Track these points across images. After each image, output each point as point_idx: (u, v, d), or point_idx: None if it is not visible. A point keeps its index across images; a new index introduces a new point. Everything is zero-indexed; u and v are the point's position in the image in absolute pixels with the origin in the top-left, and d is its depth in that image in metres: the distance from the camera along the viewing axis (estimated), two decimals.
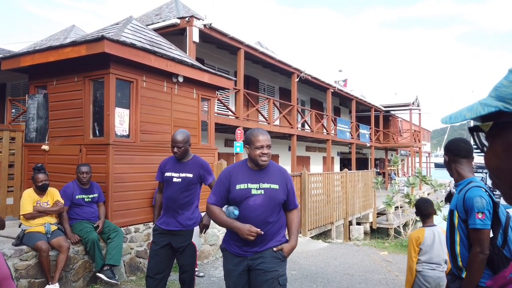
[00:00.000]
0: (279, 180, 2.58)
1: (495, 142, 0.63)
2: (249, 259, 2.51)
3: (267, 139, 2.55)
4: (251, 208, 2.47)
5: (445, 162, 2.35)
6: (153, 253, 3.48)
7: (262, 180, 2.53)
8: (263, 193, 2.49)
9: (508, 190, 0.64)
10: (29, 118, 5.67)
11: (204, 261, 6.07)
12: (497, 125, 0.61)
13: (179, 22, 9.26)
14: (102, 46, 4.55)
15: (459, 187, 2.27)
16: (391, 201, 9.22)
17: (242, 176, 2.55)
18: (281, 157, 16.11)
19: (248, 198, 2.48)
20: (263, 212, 2.47)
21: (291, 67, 13.39)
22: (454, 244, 2.23)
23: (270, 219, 2.50)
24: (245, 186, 2.51)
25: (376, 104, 22.49)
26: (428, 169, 34.70)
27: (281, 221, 2.60)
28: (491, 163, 0.65)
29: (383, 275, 5.75)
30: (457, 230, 2.20)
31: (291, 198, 2.61)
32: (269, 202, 2.49)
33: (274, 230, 2.54)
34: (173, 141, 3.46)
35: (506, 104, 0.59)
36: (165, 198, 3.52)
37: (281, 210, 2.61)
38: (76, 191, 4.59)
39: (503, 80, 0.62)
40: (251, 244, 2.47)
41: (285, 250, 2.53)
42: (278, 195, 2.54)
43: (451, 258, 2.27)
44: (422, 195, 21.98)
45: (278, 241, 2.55)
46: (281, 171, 2.66)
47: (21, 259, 3.94)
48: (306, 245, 8.16)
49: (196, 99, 6.31)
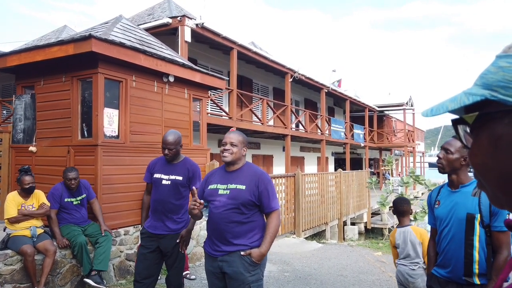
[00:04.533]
0: (248, 181, 2.53)
1: (481, 135, 0.55)
2: (219, 261, 2.51)
3: (232, 137, 2.60)
4: (215, 207, 2.53)
5: (457, 163, 2.20)
6: (142, 257, 3.38)
7: (231, 181, 2.56)
8: (227, 193, 2.52)
9: (496, 190, 0.55)
10: (16, 119, 5.55)
11: (196, 263, 5.98)
12: (483, 116, 0.54)
13: (171, 21, 9.17)
14: (90, 45, 4.45)
15: (471, 189, 2.16)
16: (385, 201, 9.19)
17: (216, 178, 2.66)
18: (275, 157, 16.05)
19: (214, 198, 2.55)
20: (225, 211, 2.49)
21: (284, 67, 13.34)
22: (471, 250, 2.09)
23: (234, 218, 2.47)
24: (214, 187, 2.60)
25: (370, 104, 22.52)
26: (422, 168, 34.86)
27: (254, 223, 2.53)
28: (476, 159, 0.57)
29: (377, 276, 5.70)
30: (476, 235, 2.08)
31: (264, 200, 2.51)
32: (231, 202, 2.49)
33: (240, 231, 2.47)
34: (164, 142, 3.36)
35: (493, 92, 0.52)
36: (153, 200, 3.43)
37: (253, 212, 2.52)
38: (64, 193, 4.48)
39: (490, 66, 0.54)
40: (218, 242, 2.51)
41: (253, 255, 2.45)
42: (242, 195, 2.48)
43: (462, 264, 2.11)
44: (416, 194, 22.05)
45: (248, 246, 2.47)
46: (255, 173, 2.58)
47: (5, 263, 3.83)
48: (300, 246, 8.10)
49: (187, 99, 6.22)
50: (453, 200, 2.22)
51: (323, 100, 16.78)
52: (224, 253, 2.49)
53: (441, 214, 2.26)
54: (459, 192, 2.21)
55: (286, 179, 9.33)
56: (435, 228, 2.36)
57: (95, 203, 4.64)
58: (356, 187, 13.60)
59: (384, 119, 27.67)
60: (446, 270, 2.22)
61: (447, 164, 2.22)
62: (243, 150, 2.64)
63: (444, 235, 2.23)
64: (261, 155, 15.23)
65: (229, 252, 2.48)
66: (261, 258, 2.46)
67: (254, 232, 2.52)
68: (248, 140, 2.79)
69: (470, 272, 2.10)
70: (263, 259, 2.51)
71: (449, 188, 2.29)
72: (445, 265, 2.23)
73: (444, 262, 2.24)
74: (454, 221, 2.17)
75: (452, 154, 2.20)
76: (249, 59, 12.43)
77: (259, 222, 2.56)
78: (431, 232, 2.46)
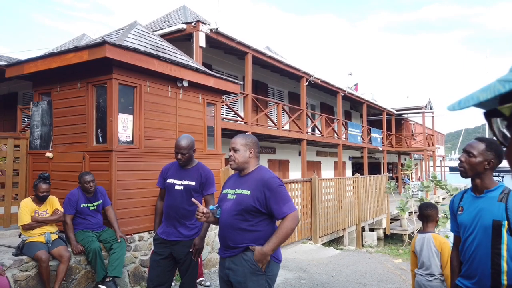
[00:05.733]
0: (254, 186, 2.40)
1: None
2: (226, 268, 2.45)
3: (233, 142, 2.56)
4: (222, 212, 2.51)
5: (480, 167, 2.08)
6: (154, 263, 3.33)
7: (240, 186, 2.50)
8: (234, 198, 2.46)
9: None
10: (33, 125, 5.62)
11: (211, 269, 5.91)
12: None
13: (185, 27, 9.22)
14: (104, 51, 4.47)
15: (497, 194, 2.02)
16: (405, 206, 8.92)
17: (229, 182, 2.65)
18: (291, 162, 15.91)
19: (223, 202, 2.53)
20: (230, 216, 2.43)
21: (300, 71, 13.23)
22: (499, 259, 1.95)
23: (237, 225, 2.39)
24: (225, 191, 2.58)
25: (387, 108, 22.15)
26: (443, 173, 34.02)
27: (260, 233, 2.38)
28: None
29: (397, 284, 5.50)
30: (504, 244, 1.94)
31: (273, 206, 2.33)
32: (236, 208, 2.41)
33: (243, 239, 2.37)
34: (176, 147, 3.29)
35: None
36: (166, 206, 3.37)
37: (258, 220, 2.38)
38: (81, 199, 4.49)
39: None
40: (222, 248, 2.50)
41: (255, 253, 2.31)
42: (245, 201, 2.38)
43: (489, 274, 1.98)
44: (437, 200, 21.49)
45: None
46: (262, 177, 2.42)
47: (20, 269, 3.83)
48: (317, 252, 7.94)
49: (201, 104, 6.19)
50: (478, 206, 2.07)
51: (340, 104, 16.57)
52: (230, 255, 2.44)
53: (465, 221, 2.12)
54: (484, 198, 2.07)
55: (302, 184, 9.20)
56: (458, 236, 2.22)
57: (110, 210, 4.63)
58: (375, 192, 13.32)
59: (403, 123, 27.15)
60: (472, 281, 2.07)
61: (469, 168, 2.09)
62: (249, 152, 2.52)
63: (469, 244, 2.08)
64: (277, 160, 15.11)
65: (232, 255, 2.42)
66: (261, 258, 2.30)
67: (259, 243, 2.37)
68: (264, 145, 2.71)
69: (498, 283, 1.96)
70: (268, 261, 2.32)
71: (473, 193, 2.15)
72: (470, 276, 2.08)
73: (469, 273, 2.09)
74: (479, 229, 2.02)
75: (475, 157, 2.07)
76: (264, 63, 12.38)
77: (266, 233, 2.39)
78: (454, 240, 2.32)
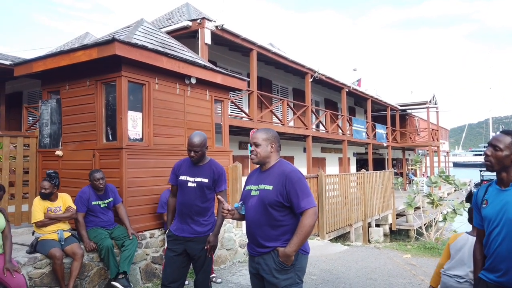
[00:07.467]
0: (276, 181, 2.41)
1: None
2: (256, 262, 2.47)
3: (255, 137, 2.54)
4: (248, 209, 2.50)
5: (507, 161, 2.05)
6: (169, 260, 3.33)
7: (262, 181, 2.49)
8: (258, 194, 2.46)
9: None
10: (42, 123, 5.63)
11: (221, 266, 5.92)
12: None
13: (190, 24, 9.20)
14: (113, 48, 4.46)
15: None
16: (413, 201, 8.91)
17: (251, 178, 2.62)
18: (296, 158, 15.89)
19: (247, 199, 2.52)
20: (256, 213, 2.43)
21: (304, 67, 13.20)
22: None
23: (263, 221, 2.39)
24: (249, 188, 2.57)
25: (392, 103, 22.07)
26: (447, 168, 33.92)
27: (287, 228, 2.39)
28: None
29: (408, 279, 5.49)
30: None
31: (294, 200, 2.33)
32: (260, 204, 2.42)
33: (271, 235, 2.38)
34: (189, 145, 3.26)
35: None
36: (179, 203, 3.36)
37: (283, 213, 2.38)
38: (92, 197, 4.49)
39: None
40: (252, 245, 2.50)
41: (280, 254, 2.34)
42: (269, 196, 2.38)
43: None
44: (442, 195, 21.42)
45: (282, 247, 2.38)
46: (283, 171, 2.43)
47: (35, 267, 3.85)
48: (325, 249, 7.94)
49: (209, 101, 6.18)
50: (504, 199, 2.06)
51: (344, 100, 16.52)
52: (259, 254, 2.45)
53: (489, 214, 2.10)
54: (510, 191, 2.06)
55: (309, 181, 9.18)
56: (482, 229, 2.20)
57: (121, 207, 4.63)
58: (380, 188, 13.29)
59: (407, 118, 27.05)
60: (497, 275, 2.06)
61: (496, 162, 2.08)
62: (270, 147, 2.53)
63: (494, 237, 2.07)
64: (282, 157, 15.09)
65: (262, 253, 2.43)
66: (286, 258, 2.32)
67: (287, 237, 2.38)
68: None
69: None
70: (292, 260, 2.33)
71: (498, 187, 2.13)
72: (495, 269, 2.07)
73: (493, 266, 2.08)
74: (506, 222, 2.01)
75: (502, 151, 2.06)
76: (269, 60, 12.35)
77: (292, 226, 2.40)
78: (477, 234, 2.30)
